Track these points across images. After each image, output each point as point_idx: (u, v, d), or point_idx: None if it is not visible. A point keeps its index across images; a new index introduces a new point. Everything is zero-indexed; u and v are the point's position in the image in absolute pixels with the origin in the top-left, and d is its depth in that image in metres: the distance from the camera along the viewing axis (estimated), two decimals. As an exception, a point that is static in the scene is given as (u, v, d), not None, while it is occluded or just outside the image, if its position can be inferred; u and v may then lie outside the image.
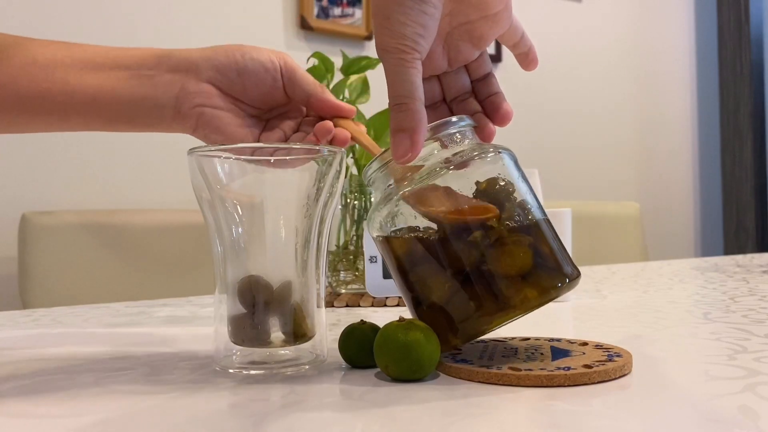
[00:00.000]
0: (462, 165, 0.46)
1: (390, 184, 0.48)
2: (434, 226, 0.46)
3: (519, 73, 2.61)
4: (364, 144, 0.57)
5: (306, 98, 0.58)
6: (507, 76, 2.34)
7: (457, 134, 0.48)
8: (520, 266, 0.44)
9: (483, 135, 0.53)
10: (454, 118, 0.48)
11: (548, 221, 0.48)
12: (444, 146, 0.48)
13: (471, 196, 0.46)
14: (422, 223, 0.47)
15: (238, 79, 0.56)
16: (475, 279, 0.45)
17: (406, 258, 0.48)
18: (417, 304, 0.48)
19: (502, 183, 0.47)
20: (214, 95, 0.56)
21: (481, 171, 0.47)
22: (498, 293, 0.44)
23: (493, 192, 0.46)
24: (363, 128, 0.59)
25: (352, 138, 0.57)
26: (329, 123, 0.57)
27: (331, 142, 0.56)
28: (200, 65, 0.55)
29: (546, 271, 0.45)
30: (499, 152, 0.48)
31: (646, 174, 2.72)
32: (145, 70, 0.55)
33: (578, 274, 0.47)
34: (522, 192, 0.47)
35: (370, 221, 0.50)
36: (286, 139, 0.58)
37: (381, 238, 0.49)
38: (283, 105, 0.59)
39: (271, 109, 0.59)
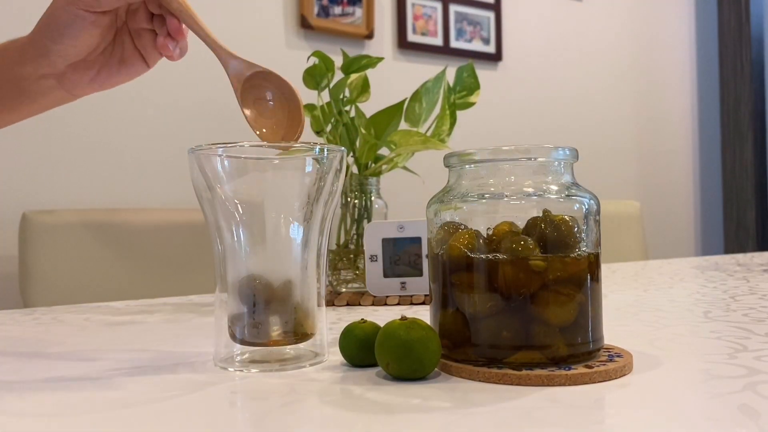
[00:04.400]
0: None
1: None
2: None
3: (519, 73, 2.59)
4: (192, 26, 0.60)
5: (125, 1, 0.60)
6: (507, 76, 2.35)
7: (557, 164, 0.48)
8: (564, 319, 0.45)
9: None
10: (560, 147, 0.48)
11: (600, 280, 0.48)
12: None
13: (537, 222, 0.46)
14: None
15: (80, 48, 0.60)
16: (518, 311, 0.44)
17: (461, 258, 0.46)
18: (444, 305, 0.48)
19: (577, 230, 0.46)
20: (83, 70, 0.62)
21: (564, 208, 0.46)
22: (532, 334, 0.44)
23: (565, 233, 0.46)
24: None
25: (182, 21, 0.61)
26: (162, 40, 0.61)
27: (176, 41, 0.61)
28: (53, 62, 0.61)
29: (581, 332, 0.45)
30: (590, 199, 0.47)
31: (647, 173, 2.72)
32: (24, 83, 0.62)
33: (602, 344, 0.47)
34: (592, 244, 0.47)
35: (441, 205, 0.49)
36: (154, 32, 0.62)
37: (447, 226, 0.48)
38: (116, 10, 0.62)
39: (117, 19, 0.62)
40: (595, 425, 0.36)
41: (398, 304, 0.83)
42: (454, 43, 2.20)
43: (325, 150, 0.51)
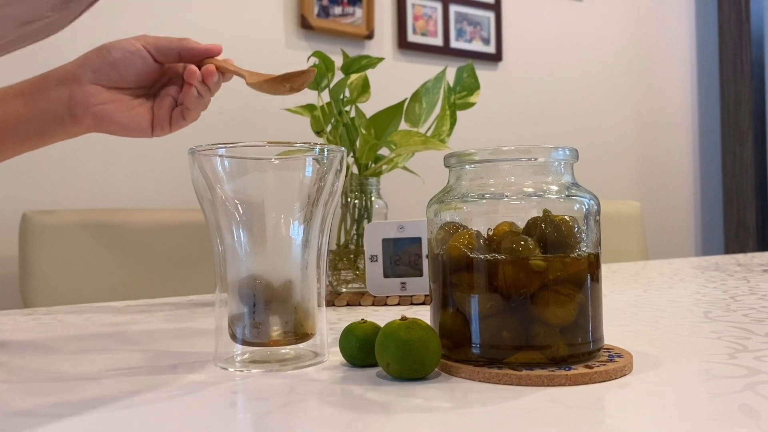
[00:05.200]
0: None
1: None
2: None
3: (519, 73, 2.58)
4: (230, 69, 0.67)
5: (177, 56, 0.66)
6: (507, 76, 2.35)
7: (557, 164, 0.48)
8: (564, 319, 0.45)
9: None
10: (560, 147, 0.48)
11: (600, 280, 0.48)
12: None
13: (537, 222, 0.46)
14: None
15: (113, 71, 0.64)
16: (518, 311, 0.44)
17: (461, 258, 0.46)
18: (444, 305, 0.48)
19: (577, 229, 0.46)
20: (100, 92, 0.65)
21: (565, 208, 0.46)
22: (532, 334, 0.44)
23: (566, 233, 0.46)
24: (231, 61, 0.69)
25: (218, 69, 0.67)
26: (194, 66, 0.66)
27: (203, 81, 0.66)
28: (78, 73, 0.64)
29: (581, 332, 0.45)
30: (590, 199, 0.47)
31: (647, 173, 2.72)
32: (35, 90, 0.65)
33: (602, 344, 0.47)
34: (592, 244, 0.47)
35: (441, 205, 0.49)
36: (175, 103, 0.68)
37: (447, 227, 0.48)
38: (161, 77, 0.69)
39: (154, 84, 0.69)
40: (595, 425, 0.36)
41: (398, 304, 0.83)
42: (454, 44, 2.20)
43: (325, 150, 0.51)
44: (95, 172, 1.61)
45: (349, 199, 0.91)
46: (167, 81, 0.69)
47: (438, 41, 2.16)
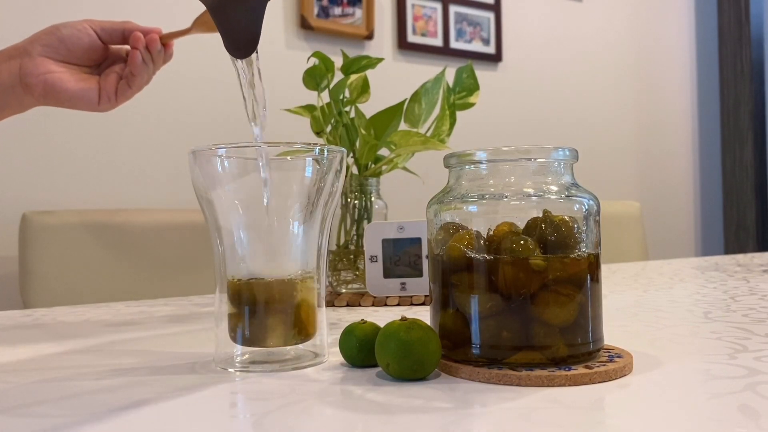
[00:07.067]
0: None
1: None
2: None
3: (519, 74, 2.58)
4: (173, 35, 0.73)
5: (121, 36, 0.72)
6: (507, 76, 2.35)
7: (557, 164, 0.48)
8: (564, 319, 0.44)
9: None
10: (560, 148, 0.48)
11: (600, 281, 0.48)
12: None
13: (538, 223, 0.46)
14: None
15: (62, 46, 0.69)
16: (518, 311, 0.44)
17: (461, 259, 0.46)
18: (444, 305, 0.48)
19: (578, 229, 0.46)
20: (49, 63, 0.69)
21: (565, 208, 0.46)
22: (532, 335, 0.44)
23: (565, 233, 0.46)
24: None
25: (161, 40, 0.73)
26: (138, 33, 0.72)
27: (147, 49, 0.72)
28: (28, 48, 0.69)
29: (581, 333, 0.45)
30: (590, 199, 0.47)
31: (647, 173, 2.72)
32: None
33: (602, 345, 0.47)
34: (592, 245, 0.47)
35: (441, 205, 0.49)
36: (120, 77, 0.73)
37: (447, 227, 0.48)
38: (106, 58, 0.74)
39: (99, 65, 0.74)
40: (595, 426, 0.36)
41: (398, 304, 0.83)
42: (454, 44, 2.20)
43: (325, 151, 0.51)
44: (95, 172, 1.61)
45: (348, 200, 0.91)
46: (111, 62, 0.74)
47: (438, 42, 2.16)
